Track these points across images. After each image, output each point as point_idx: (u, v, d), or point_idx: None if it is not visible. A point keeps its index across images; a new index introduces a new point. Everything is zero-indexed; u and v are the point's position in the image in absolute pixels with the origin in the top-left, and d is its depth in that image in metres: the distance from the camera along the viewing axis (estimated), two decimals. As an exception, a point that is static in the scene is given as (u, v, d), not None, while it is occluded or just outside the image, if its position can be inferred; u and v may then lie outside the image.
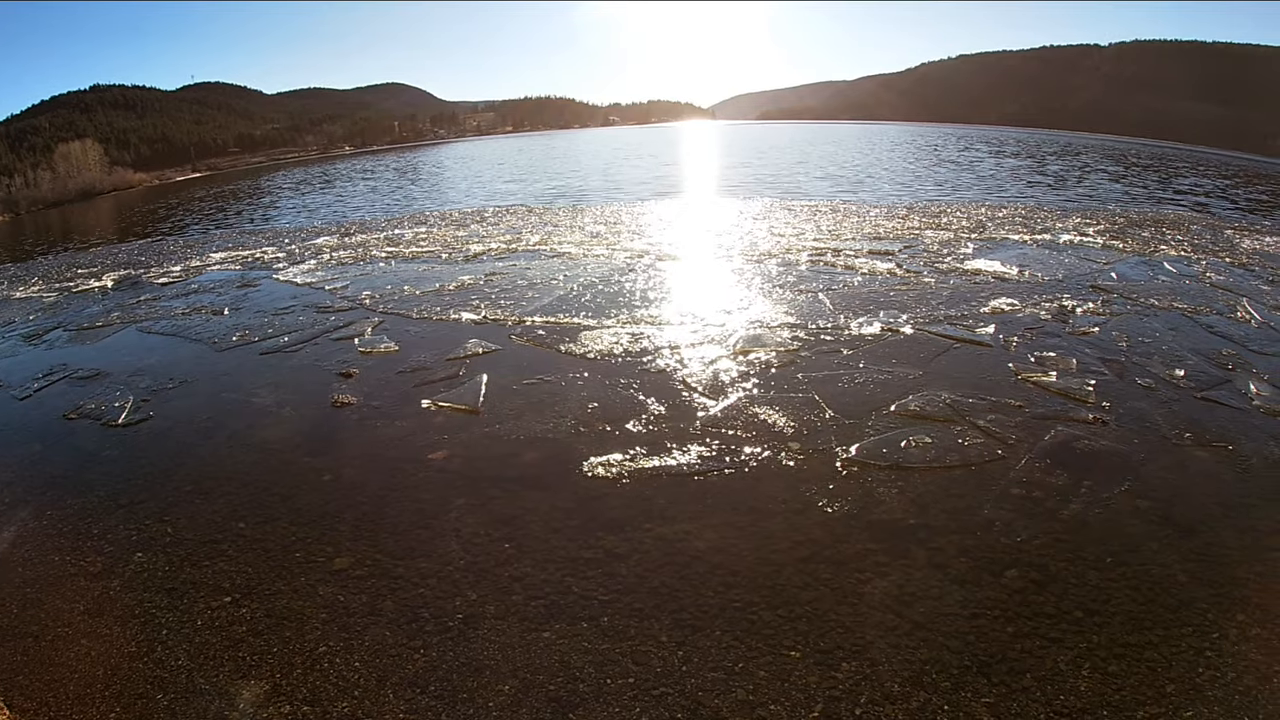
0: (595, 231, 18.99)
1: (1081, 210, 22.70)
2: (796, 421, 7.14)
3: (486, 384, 8.28)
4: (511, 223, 21.69)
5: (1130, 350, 9.09)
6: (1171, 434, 6.93)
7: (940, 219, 19.98)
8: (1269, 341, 9.73)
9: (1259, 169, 57.32)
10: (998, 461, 6.39)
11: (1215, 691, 4.06)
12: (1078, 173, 41.41)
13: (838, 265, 13.80)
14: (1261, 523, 5.64)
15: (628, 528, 5.59)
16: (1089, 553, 5.20)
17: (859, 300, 11.19)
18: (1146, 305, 11.04)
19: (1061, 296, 11.38)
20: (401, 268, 15.01)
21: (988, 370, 8.42)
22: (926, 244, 15.84)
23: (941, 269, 13.29)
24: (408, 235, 19.93)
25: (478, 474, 6.52)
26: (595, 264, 14.44)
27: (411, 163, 72.82)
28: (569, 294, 11.99)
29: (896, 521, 5.59)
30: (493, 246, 16.90)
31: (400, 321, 10.96)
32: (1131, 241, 16.49)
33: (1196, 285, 12.46)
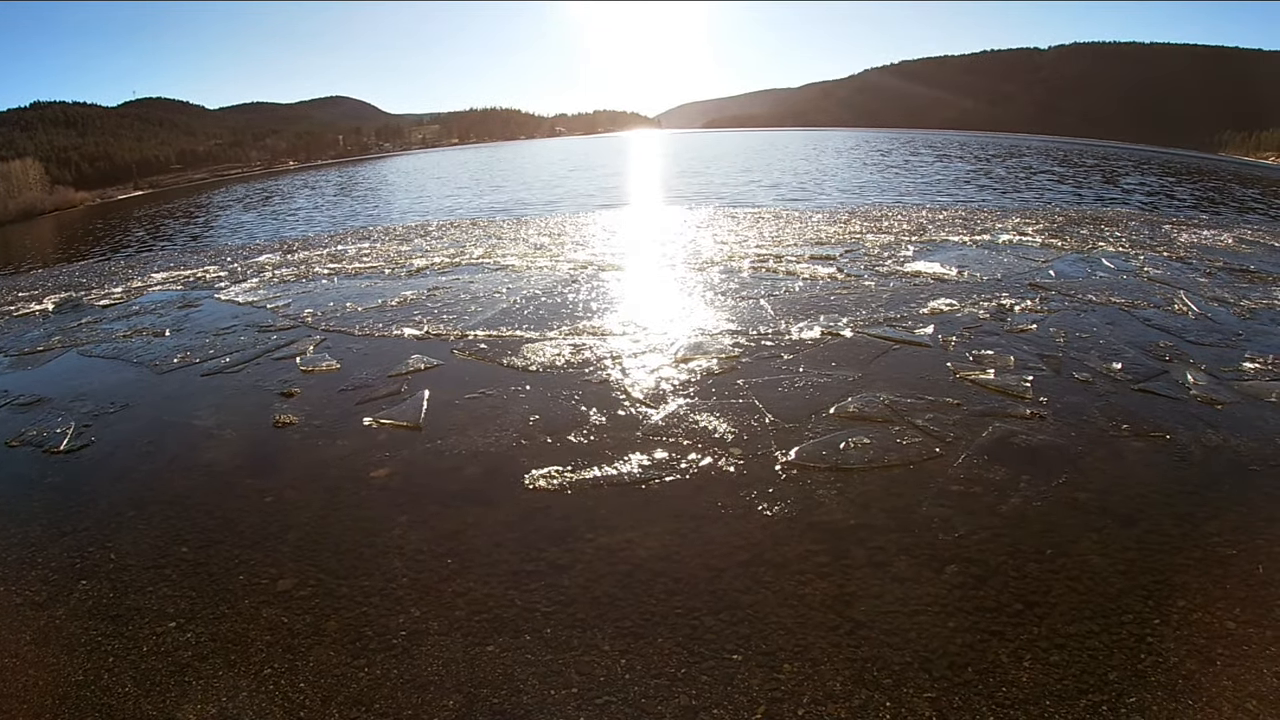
0: (539, 243, 19.11)
1: (1021, 210, 23.41)
2: (737, 427, 7.25)
3: (428, 399, 8.28)
4: (455, 236, 21.73)
5: (1068, 346, 9.40)
6: (1109, 426, 7.19)
7: (881, 223, 20.44)
8: (1205, 332, 10.12)
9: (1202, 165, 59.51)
10: (936, 460, 6.55)
11: (1158, 677, 4.20)
12: (1019, 174, 42.64)
13: (780, 271, 14.04)
14: (1200, 509, 5.87)
15: (570, 539, 5.63)
16: (1028, 546, 5.36)
17: (800, 305, 11.39)
18: (1084, 301, 11.43)
19: (1000, 295, 11.73)
20: (344, 284, 14.94)
21: (926, 370, 8.64)
22: (868, 248, 16.19)
23: (882, 272, 13.60)
24: (351, 251, 19.83)
25: (420, 490, 6.53)
26: (538, 276, 14.53)
27: (355, 177, 72.47)
28: (511, 307, 12.04)
29: (837, 522, 5.70)
30: (436, 261, 16.91)
31: (342, 339, 10.92)
32: (1070, 240, 17.05)
33: (1134, 280, 12.92)
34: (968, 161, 56.09)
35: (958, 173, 44.53)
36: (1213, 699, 4.07)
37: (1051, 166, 51.31)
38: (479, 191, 42.22)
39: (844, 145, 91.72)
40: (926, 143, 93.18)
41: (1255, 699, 4.06)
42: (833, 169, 49.07)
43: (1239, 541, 5.49)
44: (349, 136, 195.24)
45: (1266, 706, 4.01)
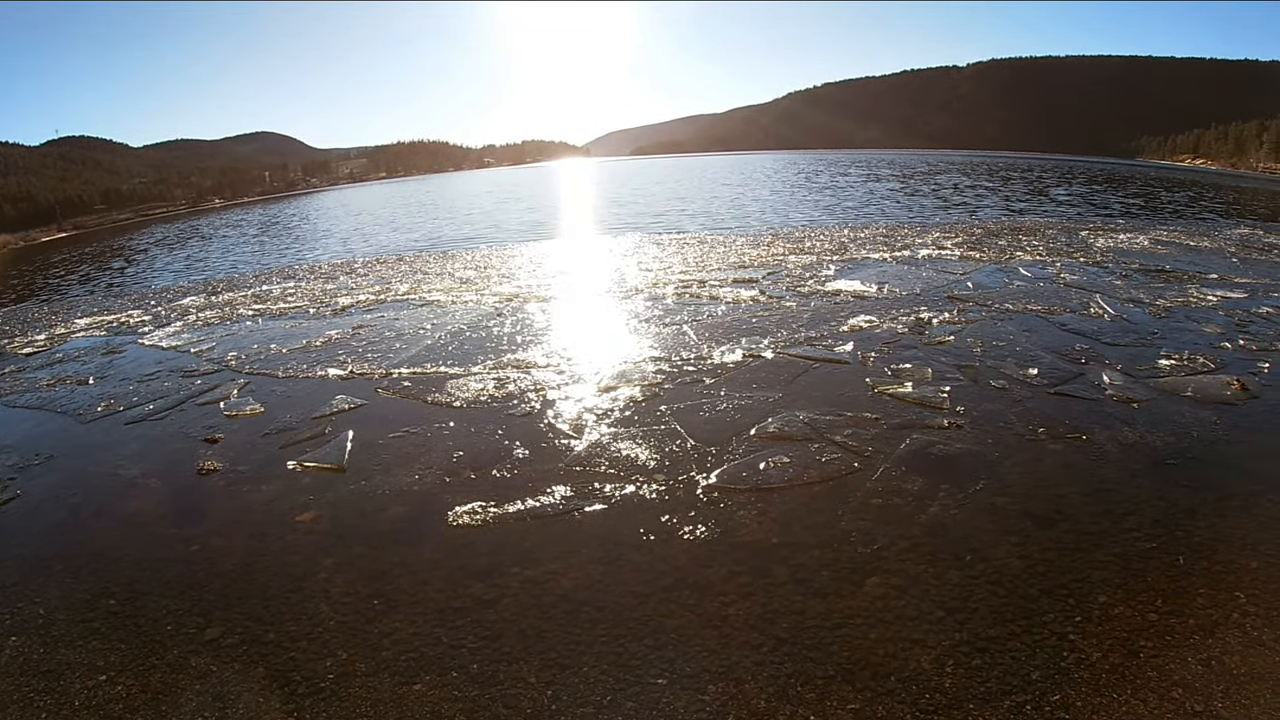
0: (465, 277, 19.14)
1: (941, 225, 24.15)
2: (659, 453, 7.36)
3: (352, 440, 8.24)
4: (381, 273, 21.63)
5: (985, 355, 9.74)
6: (1026, 431, 7.47)
7: (804, 244, 20.91)
8: (1121, 333, 10.55)
9: (1122, 171, 61.85)
10: (855, 474, 6.72)
11: (1081, 673, 4.35)
12: (942, 190, 43.78)
13: (703, 296, 14.27)
14: (1118, 505, 6.13)
15: (495, 574, 5.65)
16: (948, 553, 5.52)
17: (722, 329, 11.60)
18: (1001, 310, 11.85)
19: (919, 309, 12.10)
20: (268, 325, 14.77)
21: (845, 387, 8.87)
22: (790, 269, 16.56)
23: (803, 292, 13.92)
24: (275, 291, 19.59)
25: (345, 532, 6.49)
26: (463, 310, 14.55)
27: (282, 214, 71.74)
28: (436, 343, 12.04)
29: (758, 542, 5.80)
30: (361, 298, 16.81)
31: (266, 382, 10.81)
32: (989, 251, 17.63)
33: (1051, 287, 13.42)
34: (891, 180, 57.71)
35: (881, 191, 45.82)
36: (1138, 690, 4.23)
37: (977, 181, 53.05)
38: (406, 226, 42.16)
39: (770, 168, 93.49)
40: (851, 163, 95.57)
41: (1180, 688, 4.23)
42: (758, 193, 50.01)
43: (1158, 535, 5.73)
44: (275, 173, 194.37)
45: (1190, 694, 4.18)
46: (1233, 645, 4.55)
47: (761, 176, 74.11)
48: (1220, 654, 4.49)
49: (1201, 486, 6.53)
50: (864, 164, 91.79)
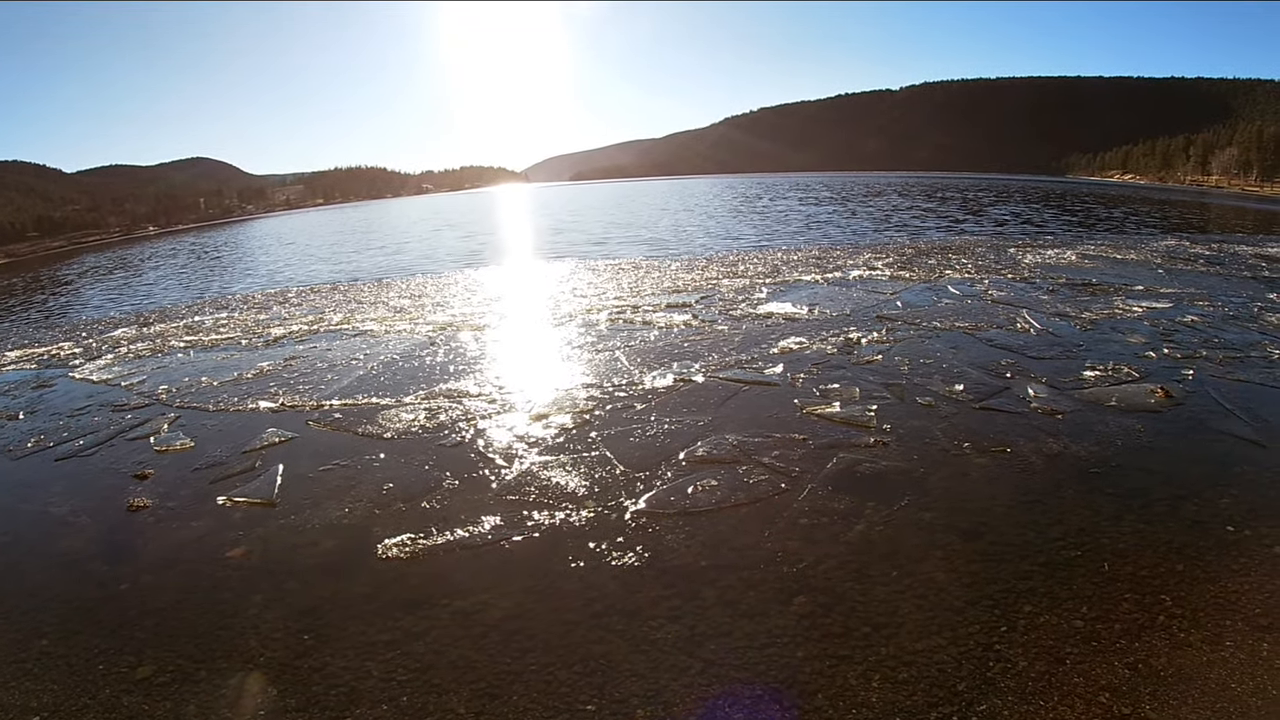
0: (399, 306, 19.01)
1: (872, 246, 24.68)
2: (589, 480, 7.40)
3: (283, 474, 8.14)
4: (315, 302, 21.37)
5: (912, 373, 9.99)
6: (951, 446, 7.66)
7: (738, 267, 21.21)
8: (1046, 346, 10.87)
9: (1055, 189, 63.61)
10: (783, 495, 6.82)
11: (1007, 682, 4.46)
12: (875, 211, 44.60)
13: (636, 321, 14.37)
14: (1043, 516, 6.32)
15: (425, 605, 5.63)
16: (875, 570, 5.62)
17: (654, 354, 11.70)
18: (929, 328, 12.14)
19: (848, 330, 12.35)
20: (200, 357, 14.51)
21: (774, 409, 9.00)
22: (723, 293, 16.78)
23: (735, 315, 14.11)
24: (208, 322, 19.23)
25: (275, 568, 6.41)
26: (397, 340, 14.46)
27: (217, 242, 70.51)
28: (368, 374, 11.94)
29: (687, 565, 5.86)
30: (294, 329, 16.59)
31: (197, 415, 10.62)
32: (919, 270, 18.06)
33: (978, 304, 13.79)
34: (826, 203, 58.69)
35: (816, 214, 46.65)
36: (1064, 696, 4.34)
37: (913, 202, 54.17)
38: (341, 254, 41.73)
39: (708, 193, 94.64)
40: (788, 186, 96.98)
41: (1107, 692, 4.35)
42: (695, 217, 50.52)
43: (1083, 543, 5.91)
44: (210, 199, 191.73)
45: (1118, 698, 4.31)
46: (1159, 648, 4.70)
47: (699, 201, 74.95)
48: (1147, 657, 4.63)
49: (1126, 493, 6.77)
50: (800, 187, 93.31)
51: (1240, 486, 6.92)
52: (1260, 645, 4.72)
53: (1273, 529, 6.15)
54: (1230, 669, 4.51)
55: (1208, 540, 6.00)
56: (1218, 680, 4.42)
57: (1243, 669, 4.51)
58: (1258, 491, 6.83)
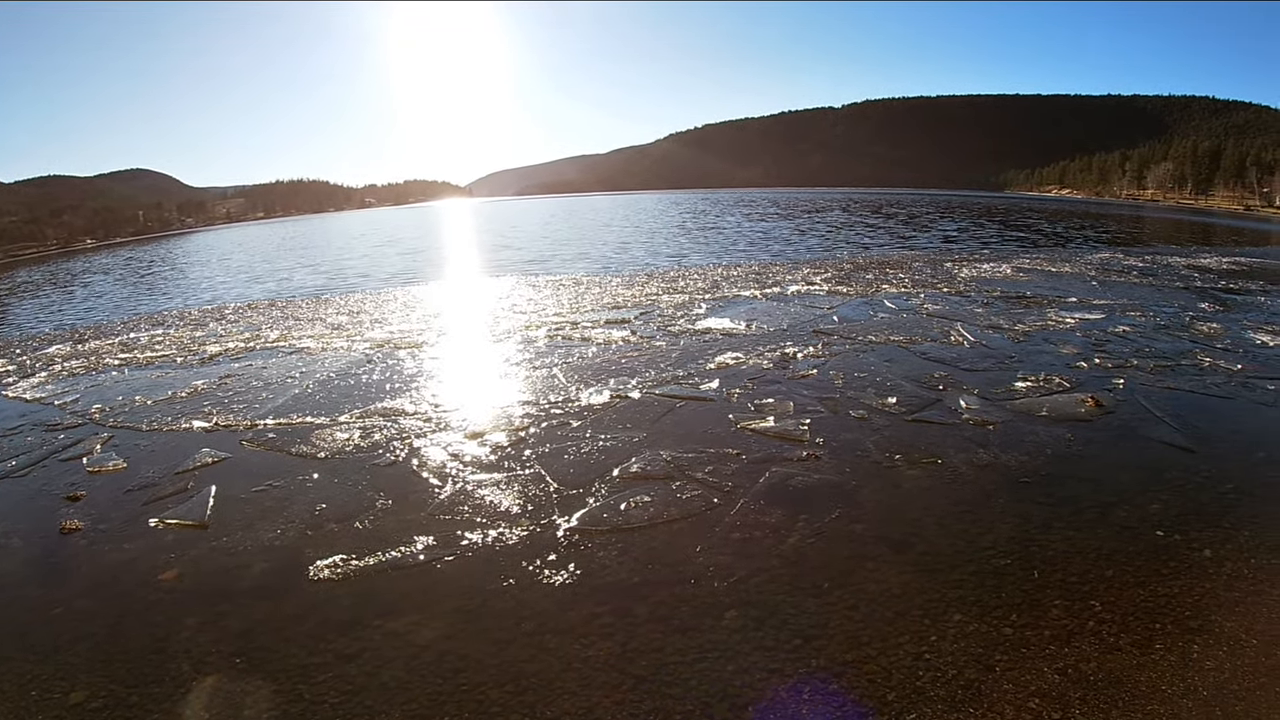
0: (337, 323, 18.78)
1: (811, 261, 25.02)
2: (523, 498, 7.39)
3: (215, 495, 8.01)
4: (252, 319, 21.00)
5: (846, 386, 10.14)
6: (883, 458, 7.79)
7: (678, 283, 21.35)
8: (979, 359, 11.09)
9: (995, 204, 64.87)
10: (715, 510, 6.88)
11: (937, 690, 4.53)
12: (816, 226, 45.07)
13: (575, 338, 14.39)
14: (973, 526, 6.45)
15: (357, 627, 5.58)
16: (806, 582, 5.68)
17: (591, 371, 11.72)
18: (865, 342, 12.35)
19: (784, 345, 12.52)
20: (135, 375, 14.17)
21: (709, 424, 9.07)
22: (662, 309, 16.88)
23: (673, 331, 14.20)
24: (144, 339, 18.79)
25: (208, 590, 6.31)
26: (333, 358, 14.27)
27: (155, 256, 68.94)
28: (304, 392, 11.78)
29: (620, 582, 5.87)
30: (230, 346, 16.29)
31: (131, 435, 10.39)
32: (856, 285, 18.37)
33: (913, 317, 14.06)
34: (769, 218, 59.24)
35: (758, 229, 47.18)
36: (994, 703, 4.42)
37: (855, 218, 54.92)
38: (281, 270, 41.07)
39: (652, 208, 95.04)
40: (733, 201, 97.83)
41: (1037, 697, 4.45)
42: (638, 233, 50.67)
43: (1013, 551, 6.04)
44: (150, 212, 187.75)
45: (1048, 703, 4.40)
46: (1089, 652, 4.82)
47: (642, 217, 75.36)
48: (1077, 662, 4.74)
49: (1056, 501, 6.94)
50: (744, 203, 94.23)
51: (1170, 492, 7.14)
52: (1190, 647, 4.86)
53: (1202, 533, 6.35)
54: (1160, 671, 4.64)
55: (1137, 545, 6.16)
56: (1148, 683, 4.54)
57: (1173, 671, 4.64)
58: (1187, 496, 7.05)
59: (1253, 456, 8.08)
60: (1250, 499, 7.05)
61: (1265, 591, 5.53)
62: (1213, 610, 5.30)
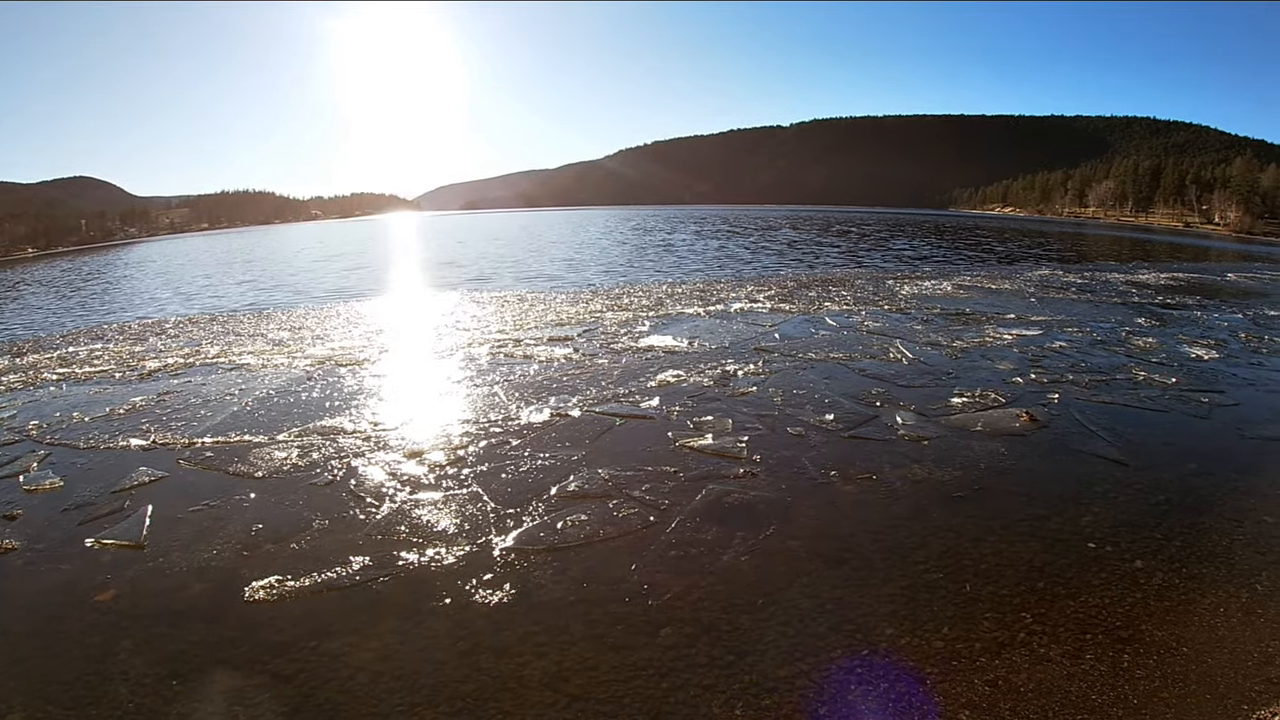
0: (278, 339, 18.52)
1: (756, 279, 25.29)
2: (460, 517, 7.38)
3: (152, 515, 7.89)
4: (192, 334, 20.61)
5: (785, 403, 10.28)
6: (819, 475, 7.91)
7: (622, 300, 21.44)
8: (916, 375, 11.30)
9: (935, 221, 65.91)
10: (652, 528, 6.93)
11: (868, 704, 4.62)
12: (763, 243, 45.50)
13: (517, 355, 14.37)
14: (906, 540, 6.59)
15: (293, 648, 5.54)
16: (741, 599, 5.76)
17: (533, 388, 11.72)
18: (805, 360, 12.52)
19: (725, 362, 12.64)
20: (73, 391, 13.85)
21: (648, 442, 9.14)
22: (605, 325, 16.94)
23: (616, 349, 14.25)
24: (83, 353, 18.35)
25: (145, 611, 6.22)
26: (273, 375, 14.08)
27: (97, 267, 67.28)
28: (242, 410, 11.62)
29: (556, 601, 5.90)
30: (170, 362, 15.98)
31: (68, 453, 10.17)
32: (799, 302, 18.60)
33: (854, 335, 14.29)
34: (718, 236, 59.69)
35: (706, 246, 47.38)
36: (924, 716, 4.52)
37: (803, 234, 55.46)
38: (223, 283, 40.32)
39: (600, 224, 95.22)
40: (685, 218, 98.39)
41: (968, 709, 4.56)
42: (585, 249, 50.74)
43: (945, 565, 6.18)
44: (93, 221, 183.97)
45: (978, 714, 4.51)
46: (1020, 664, 4.95)
47: (591, 233, 75.51)
48: (1007, 673, 4.86)
49: (988, 515, 7.10)
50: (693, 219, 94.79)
51: (1101, 504, 7.35)
52: (1121, 657, 5.01)
53: (1133, 544, 6.56)
54: (1091, 681, 4.77)
55: (1069, 558, 6.34)
56: (1078, 693, 4.68)
57: (1103, 681, 4.78)
58: (1118, 508, 7.27)
59: (1184, 468, 8.33)
60: (1181, 510, 7.27)
61: (1196, 600, 5.72)
62: (1143, 620, 5.45)
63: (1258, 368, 13.20)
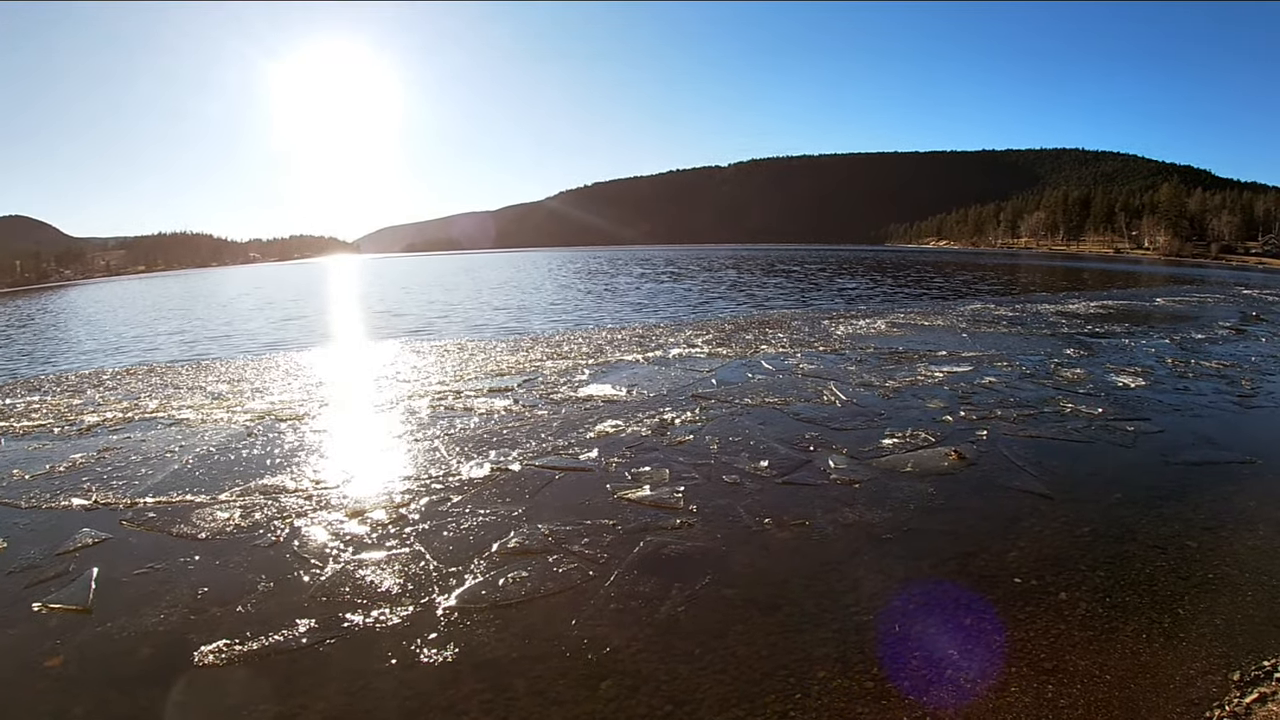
0: (217, 392, 18.31)
1: (694, 323, 25.64)
2: (403, 577, 7.45)
3: (97, 578, 7.84)
4: (131, 386, 20.24)
5: (720, 451, 10.53)
6: (753, 522, 8.16)
7: (562, 347, 21.63)
8: (849, 417, 11.63)
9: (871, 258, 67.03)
10: (591, 581, 7.09)
11: (801, 747, 4.82)
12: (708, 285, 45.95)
13: (458, 408, 14.43)
14: (838, 584, 6.84)
15: (242, 712, 5.58)
16: (679, 648, 5.95)
17: (473, 443, 11.82)
18: (741, 405, 12.81)
19: (663, 410, 12.87)
20: (11, 447, 13.55)
21: (587, 495, 9.31)
22: (545, 375, 17.08)
23: (555, 399, 14.40)
24: (19, 406, 17.93)
25: (94, 677, 6.21)
26: (213, 430, 13.96)
27: (31, 310, 65.47)
28: (183, 468, 11.52)
29: (499, 658, 6.02)
30: (108, 416, 15.72)
31: (9, 512, 10.00)
32: (736, 346, 18.95)
33: (789, 378, 14.62)
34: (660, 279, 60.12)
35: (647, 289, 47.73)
36: (855, 764, 4.73)
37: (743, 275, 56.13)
38: (161, 330, 39.49)
39: (542, 266, 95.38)
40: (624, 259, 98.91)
41: (896, 749, 4.76)
42: (525, 295, 50.85)
43: (875, 607, 6.44)
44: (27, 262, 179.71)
45: (907, 754, 4.72)
46: (946, 699, 5.20)
47: (533, 276, 75.65)
48: (934, 709, 5.10)
49: (917, 555, 7.40)
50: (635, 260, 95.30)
51: (1027, 539, 7.67)
52: (1045, 687, 5.27)
53: (1058, 576, 6.86)
54: (1016, 712, 5.03)
55: (995, 592, 6.62)
56: (1004, 725, 4.89)
57: (1027, 712, 5.03)
58: (1044, 542, 7.59)
59: (1109, 498, 8.70)
60: (1106, 540, 7.60)
61: (1119, 628, 6.00)
62: (1067, 650, 5.71)
63: (1183, 393, 13.79)
